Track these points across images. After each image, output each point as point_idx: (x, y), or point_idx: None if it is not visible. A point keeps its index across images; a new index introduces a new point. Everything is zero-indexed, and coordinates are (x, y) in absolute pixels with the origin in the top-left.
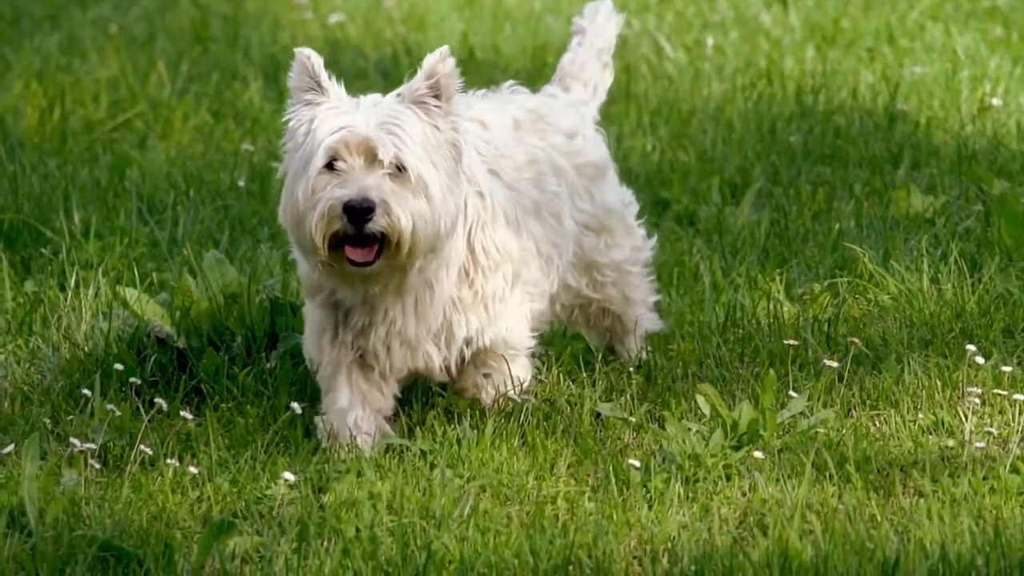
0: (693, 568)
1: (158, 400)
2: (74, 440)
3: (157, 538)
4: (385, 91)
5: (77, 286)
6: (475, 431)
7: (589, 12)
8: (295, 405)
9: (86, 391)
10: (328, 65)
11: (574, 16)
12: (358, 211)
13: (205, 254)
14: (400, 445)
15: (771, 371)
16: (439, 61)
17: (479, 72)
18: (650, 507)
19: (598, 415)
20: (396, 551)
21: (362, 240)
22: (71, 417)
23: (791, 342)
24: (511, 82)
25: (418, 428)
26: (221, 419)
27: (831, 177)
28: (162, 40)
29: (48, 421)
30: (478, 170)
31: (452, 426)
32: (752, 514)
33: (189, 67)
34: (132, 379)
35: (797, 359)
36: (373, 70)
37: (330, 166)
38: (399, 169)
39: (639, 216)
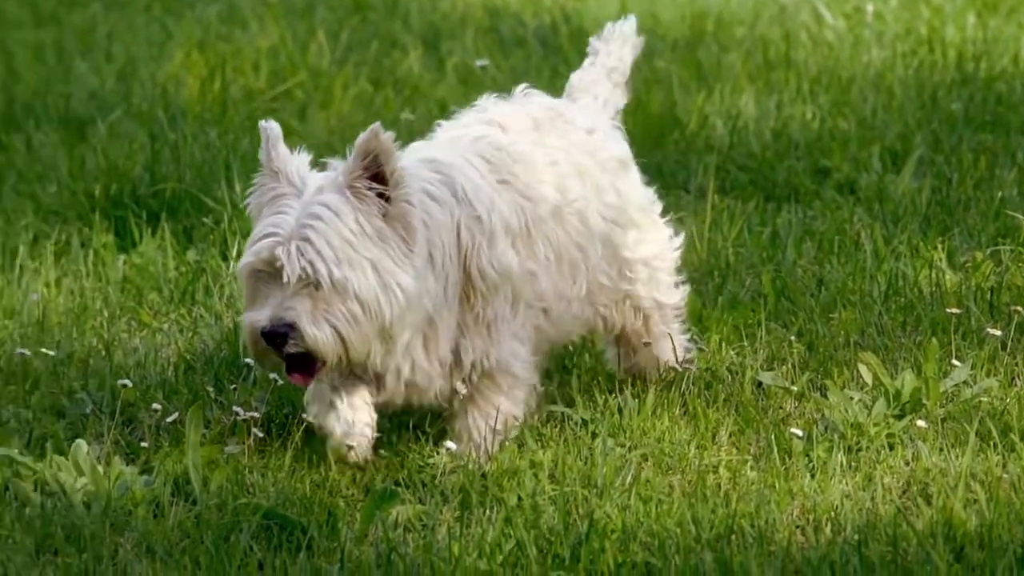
0: (856, 537)
1: None
2: (237, 409)
3: (320, 506)
4: (544, 60)
5: (239, 255)
6: (636, 400)
7: (606, 33)
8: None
9: (248, 360)
10: (486, 33)
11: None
12: (271, 338)
13: None
14: (562, 414)
15: (934, 340)
16: (371, 138)
17: None
18: (812, 476)
19: (760, 384)
20: (558, 520)
21: (292, 359)
22: (234, 386)
23: (954, 310)
24: (524, 85)
25: (579, 397)
26: None
27: (993, 144)
28: (322, 9)
29: (211, 390)
30: (481, 188)
31: (613, 395)
32: (915, 483)
33: (348, 36)
34: None
35: (960, 328)
36: (532, 37)
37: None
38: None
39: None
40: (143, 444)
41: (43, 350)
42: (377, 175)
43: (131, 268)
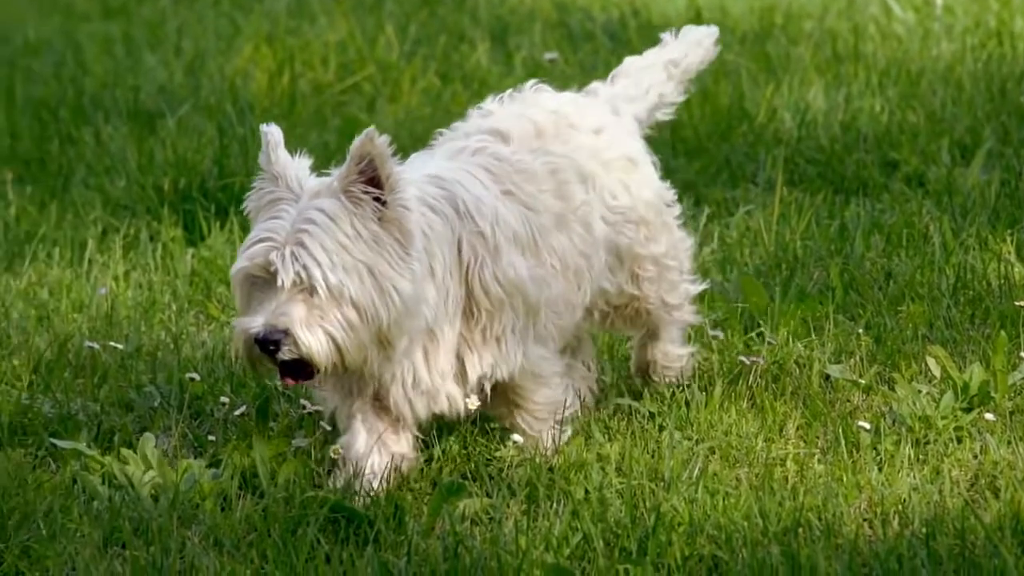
0: (924, 531)
1: None
2: (304, 402)
3: (387, 500)
4: (612, 54)
5: None
6: (704, 393)
7: (683, 32)
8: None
9: None
10: (555, 27)
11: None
12: (264, 344)
13: None
14: (629, 407)
15: (1002, 332)
16: (366, 142)
17: None
18: (880, 469)
19: (827, 377)
20: (625, 513)
21: (286, 366)
22: None
23: (1022, 303)
24: (534, 81)
25: (646, 390)
26: None
27: None
28: (390, 3)
29: (279, 384)
30: (485, 201)
31: (681, 388)
32: (984, 476)
33: (417, 29)
34: None
35: None
36: (600, 31)
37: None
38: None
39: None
40: (211, 437)
41: (112, 344)
42: (373, 179)
43: (199, 262)
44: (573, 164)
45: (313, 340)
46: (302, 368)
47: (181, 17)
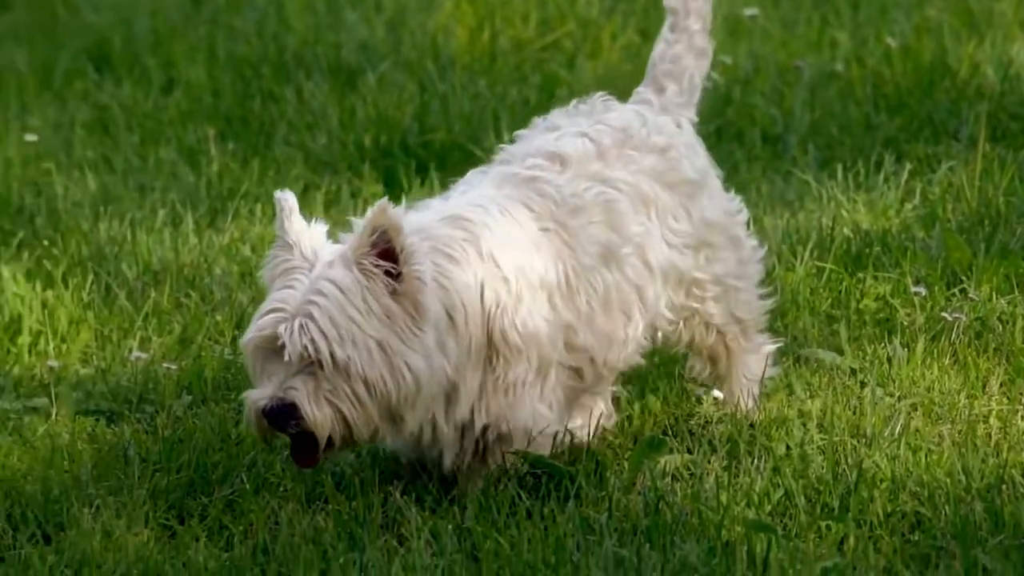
0: None
1: None
2: None
3: (588, 455)
4: (814, 9)
5: None
6: (906, 350)
7: None
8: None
9: None
10: None
11: None
12: (272, 418)
13: None
14: (830, 363)
15: None
16: (380, 214)
17: None
18: None
19: None
20: (826, 469)
21: (298, 440)
22: None
23: None
24: (601, 93)
25: (848, 346)
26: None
27: None
28: None
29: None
30: (511, 246)
31: (883, 344)
32: None
33: None
34: None
35: None
36: None
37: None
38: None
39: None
40: None
41: None
42: (386, 251)
43: None
44: (634, 191)
45: (320, 415)
46: (311, 441)
47: None
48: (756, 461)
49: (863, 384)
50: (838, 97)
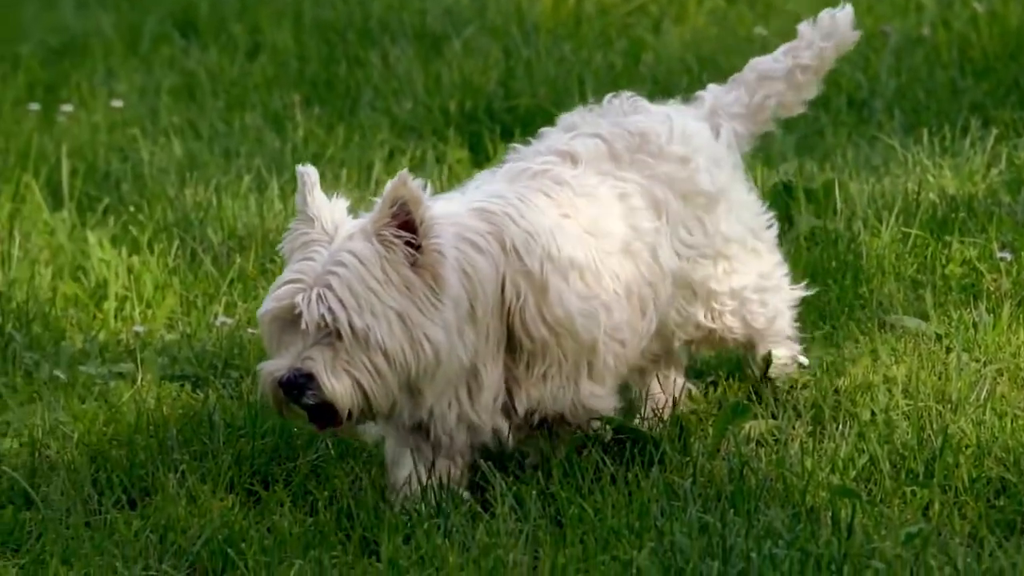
0: None
1: None
2: None
3: (672, 421)
4: None
5: None
6: (991, 315)
7: (819, 22)
8: (801, 289)
9: None
10: None
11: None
12: (289, 389)
13: None
14: (916, 329)
15: None
16: (399, 185)
17: None
18: None
19: None
20: (911, 435)
21: (313, 410)
22: None
23: None
24: (629, 93)
25: (933, 312)
26: None
27: None
28: None
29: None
30: (536, 234)
31: (968, 310)
32: None
33: None
34: None
35: None
36: None
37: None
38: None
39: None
40: None
41: None
42: (406, 223)
43: None
44: (646, 192)
45: (338, 385)
46: (329, 413)
47: None
48: (841, 427)
49: (948, 349)
50: (924, 62)
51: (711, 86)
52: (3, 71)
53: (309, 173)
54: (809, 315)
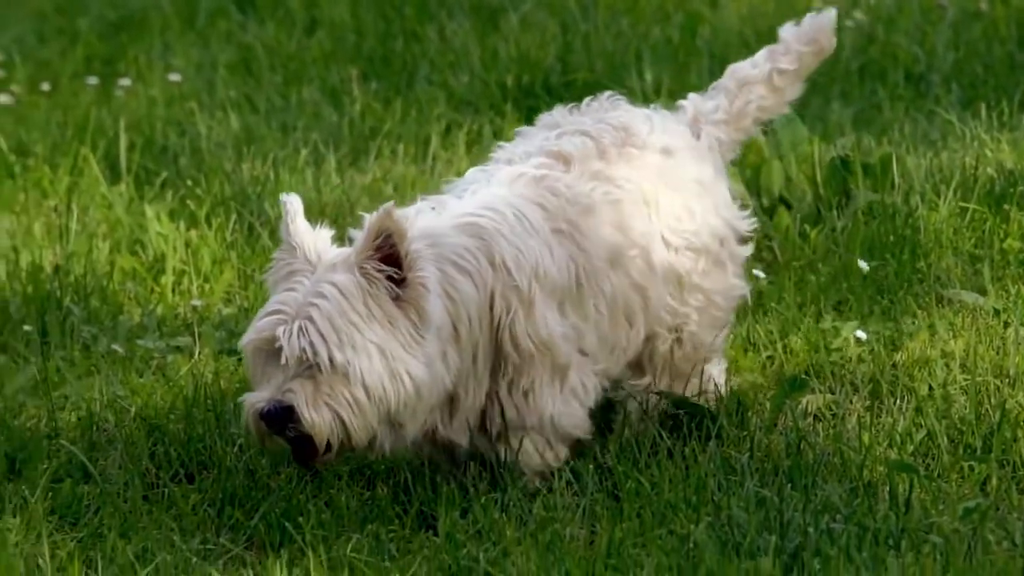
0: None
1: None
2: None
3: (730, 395)
4: None
5: None
6: None
7: (803, 25)
8: (863, 264)
9: None
10: None
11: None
12: (270, 421)
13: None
14: (974, 303)
15: None
16: (384, 217)
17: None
18: None
19: None
20: (969, 410)
21: (296, 444)
22: None
23: None
24: (609, 93)
25: (991, 286)
26: (791, 278)
27: None
28: None
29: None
30: (526, 252)
31: None
32: None
33: None
34: None
35: None
36: None
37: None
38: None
39: None
40: None
41: None
42: (390, 256)
43: None
44: (637, 190)
45: (317, 418)
46: (311, 446)
47: None
48: (898, 401)
49: (1006, 324)
50: (982, 36)
51: (691, 95)
52: (61, 45)
53: (292, 202)
54: (867, 290)
